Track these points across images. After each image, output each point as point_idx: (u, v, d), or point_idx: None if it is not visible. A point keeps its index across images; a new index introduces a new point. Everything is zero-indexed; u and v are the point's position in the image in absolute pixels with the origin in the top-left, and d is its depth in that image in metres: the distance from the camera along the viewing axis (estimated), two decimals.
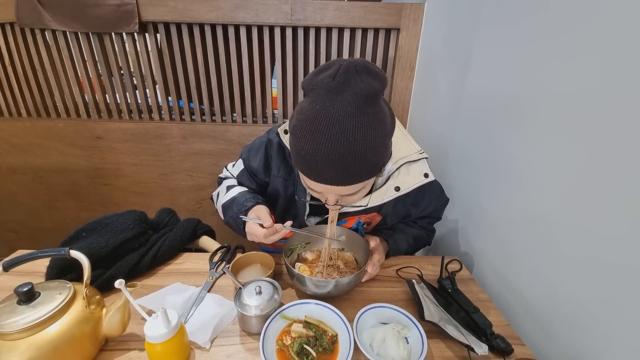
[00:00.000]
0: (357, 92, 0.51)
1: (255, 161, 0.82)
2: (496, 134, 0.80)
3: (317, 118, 0.52)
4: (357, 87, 0.51)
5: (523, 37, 0.70)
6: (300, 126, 0.54)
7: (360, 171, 0.56)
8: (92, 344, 0.54)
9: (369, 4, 1.25)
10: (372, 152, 0.54)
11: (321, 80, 0.53)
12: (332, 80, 0.51)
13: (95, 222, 0.77)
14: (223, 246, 0.85)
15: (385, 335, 0.58)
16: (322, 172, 0.55)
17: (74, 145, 1.54)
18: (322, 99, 0.52)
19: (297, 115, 0.56)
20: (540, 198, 0.65)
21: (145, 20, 1.28)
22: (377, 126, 0.53)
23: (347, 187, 0.58)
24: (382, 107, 0.55)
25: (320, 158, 0.53)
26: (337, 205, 0.65)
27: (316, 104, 0.52)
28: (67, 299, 0.51)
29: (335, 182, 0.56)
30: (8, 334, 0.46)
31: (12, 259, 0.53)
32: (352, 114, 0.51)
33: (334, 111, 0.51)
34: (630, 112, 0.47)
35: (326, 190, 0.60)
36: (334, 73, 0.52)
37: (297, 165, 0.60)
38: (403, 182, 0.72)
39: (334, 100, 0.51)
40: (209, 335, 0.58)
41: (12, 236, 1.81)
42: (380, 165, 0.60)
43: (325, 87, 0.52)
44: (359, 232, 0.81)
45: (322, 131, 0.51)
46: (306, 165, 0.56)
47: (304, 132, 0.53)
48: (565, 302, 0.59)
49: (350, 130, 0.51)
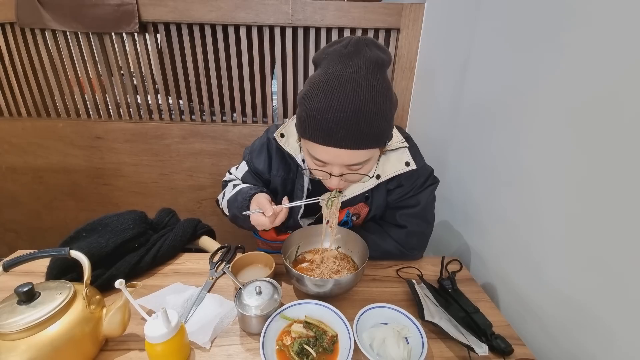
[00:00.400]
0: (368, 59, 0.55)
1: (260, 162, 0.83)
2: (496, 134, 0.80)
3: (330, 79, 0.55)
4: (367, 54, 0.56)
5: (523, 37, 0.70)
6: (312, 89, 0.57)
7: (369, 134, 0.57)
8: (92, 344, 0.54)
9: (369, 4, 1.25)
10: (381, 115, 0.57)
11: (333, 50, 0.58)
12: (344, 48, 0.56)
13: (95, 222, 0.77)
14: (223, 246, 0.86)
15: (386, 336, 0.58)
16: (332, 132, 0.56)
17: (74, 145, 1.54)
18: (335, 64, 0.56)
19: (309, 82, 0.59)
20: (540, 198, 0.65)
21: (145, 20, 1.28)
22: (385, 92, 0.57)
23: (354, 153, 0.59)
24: (388, 80, 0.60)
25: (332, 116, 0.55)
26: (341, 180, 0.65)
27: (329, 68, 0.56)
28: (67, 299, 0.51)
29: (344, 142, 0.57)
30: (8, 334, 0.46)
31: (12, 259, 0.53)
32: (364, 76, 0.55)
33: (347, 73, 0.55)
34: (629, 113, 0.47)
35: (333, 157, 0.60)
36: (346, 43, 0.57)
37: (305, 131, 0.60)
38: (383, 170, 0.74)
39: (346, 65, 0.55)
40: (209, 335, 0.58)
41: (12, 236, 1.81)
42: (385, 134, 0.62)
43: (337, 54, 0.57)
44: (349, 224, 0.82)
45: (334, 90, 0.55)
46: (316, 127, 0.57)
47: (316, 93, 0.56)
48: (565, 302, 0.59)
49: (362, 90, 0.54)
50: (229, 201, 0.81)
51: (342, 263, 0.76)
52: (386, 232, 0.82)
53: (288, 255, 0.77)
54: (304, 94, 0.59)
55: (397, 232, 0.81)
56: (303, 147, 0.67)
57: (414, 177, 0.77)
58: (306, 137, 0.61)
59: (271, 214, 0.66)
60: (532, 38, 0.67)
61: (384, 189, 0.79)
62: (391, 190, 0.80)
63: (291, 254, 0.79)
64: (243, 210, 0.73)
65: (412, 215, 0.80)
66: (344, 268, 0.75)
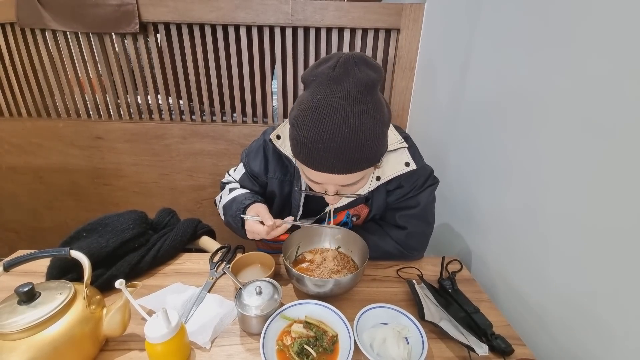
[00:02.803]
0: (357, 82, 0.53)
1: (256, 164, 0.82)
2: (496, 133, 0.80)
3: (318, 107, 0.53)
4: (356, 77, 0.53)
5: (523, 37, 0.70)
6: (301, 116, 0.55)
7: (361, 159, 0.56)
8: (93, 344, 0.54)
9: (369, 4, 1.25)
10: (372, 139, 0.55)
11: (321, 71, 0.55)
12: (332, 70, 0.53)
13: (96, 222, 0.77)
14: (223, 246, 0.86)
15: (386, 336, 0.58)
16: (323, 160, 0.56)
17: (74, 145, 1.54)
18: (323, 89, 0.54)
19: (298, 106, 0.57)
20: (540, 198, 0.65)
21: (145, 20, 1.28)
22: (376, 114, 0.55)
23: (347, 176, 0.59)
24: (380, 97, 0.57)
25: (322, 145, 0.54)
26: (337, 195, 0.65)
27: (317, 94, 0.54)
28: (68, 299, 0.51)
29: (336, 170, 0.57)
30: (8, 334, 0.46)
31: (13, 259, 0.53)
32: (353, 102, 0.53)
33: (335, 100, 0.53)
34: (628, 112, 0.47)
35: (327, 181, 0.61)
36: (334, 64, 0.54)
37: (297, 155, 0.60)
38: (382, 172, 0.73)
39: (335, 90, 0.53)
40: (209, 335, 0.58)
41: (12, 236, 1.81)
42: (379, 154, 0.61)
43: (325, 78, 0.54)
44: (348, 225, 0.82)
45: (324, 119, 0.53)
46: (308, 154, 0.57)
47: (305, 121, 0.55)
48: (566, 302, 0.59)
49: (351, 118, 0.52)
50: (224, 207, 0.81)
51: (342, 263, 0.76)
52: (386, 233, 0.82)
53: (288, 255, 0.77)
54: (294, 118, 0.58)
55: (397, 232, 0.81)
56: (298, 164, 0.67)
57: (414, 178, 0.77)
58: (299, 160, 0.61)
59: (271, 223, 0.67)
60: (532, 38, 0.67)
61: (384, 189, 0.79)
62: (391, 191, 0.80)
63: (291, 254, 0.79)
64: (237, 219, 0.73)
65: (412, 216, 0.80)
66: (344, 268, 0.75)
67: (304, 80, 0.59)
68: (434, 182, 0.81)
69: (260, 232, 0.68)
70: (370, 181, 0.74)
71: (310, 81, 0.57)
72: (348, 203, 0.78)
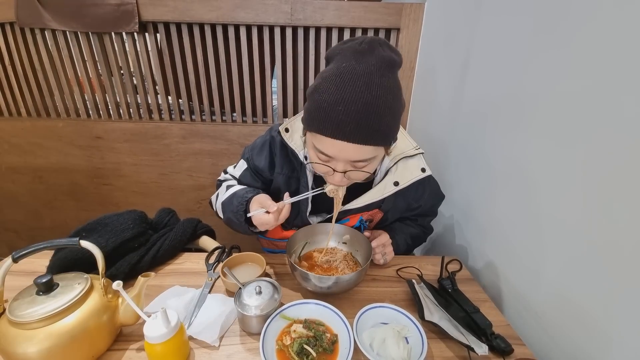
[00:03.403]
0: (381, 58, 0.56)
1: (261, 160, 0.82)
2: (496, 133, 0.80)
3: (343, 73, 0.56)
4: (380, 54, 0.56)
5: (522, 37, 0.70)
6: (323, 83, 0.58)
7: (377, 131, 0.58)
8: (109, 333, 0.56)
9: (369, 4, 1.25)
10: (390, 113, 0.58)
11: (347, 46, 0.59)
12: (359, 45, 0.57)
13: (95, 222, 0.77)
14: (217, 247, 0.85)
15: (386, 335, 0.58)
16: (342, 125, 0.56)
17: (74, 145, 1.54)
18: (349, 59, 0.57)
19: (321, 75, 0.60)
20: (540, 198, 0.65)
21: (145, 20, 1.28)
22: (396, 92, 0.58)
23: (360, 150, 0.59)
24: (399, 81, 0.60)
25: (342, 108, 0.55)
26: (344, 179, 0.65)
27: (342, 63, 0.57)
28: (86, 288, 0.53)
29: (353, 136, 0.57)
30: (28, 323, 0.47)
31: (22, 250, 0.52)
32: (376, 73, 0.55)
33: (360, 68, 0.55)
34: (628, 112, 0.47)
35: (339, 151, 0.60)
36: (360, 41, 0.58)
37: (312, 123, 0.60)
38: (402, 177, 0.76)
39: (360, 60, 0.56)
40: (217, 333, 0.58)
41: (12, 236, 1.81)
42: (392, 133, 0.63)
43: (351, 50, 0.57)
44: (362, 229, 0.82)
45: (347, 84, 0.55)
46: (325, 118, 0.57)
47: (328, 86, 0.57)
48: (566, 302, 0.59)
49: (374, 86, 0.55)
50: (223, 204, 0.79)
51: (346, 262, 0.77)
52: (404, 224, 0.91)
53: (293, 251, 0.77)
54: (314, 87, 0.59)
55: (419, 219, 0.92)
56: (308, 141, 0.66)
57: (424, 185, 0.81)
58: (314, 129, 0.61)
59: (275, 209, 0.66)
60: (532, 38, 0.67)
61: (402, 195, 0.80)
62: (410, 197, 0.82)
63: (296, 250, 0.79)
64: (239, 214, 0.72)
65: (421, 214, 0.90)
66: (348, 267, 0.75)
67: (328, 56, 0.63)
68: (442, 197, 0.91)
69: (269, 221, 0.66)
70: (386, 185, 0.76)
71: (335, 54, 0.60)
72: (362, 207, 0.78)
